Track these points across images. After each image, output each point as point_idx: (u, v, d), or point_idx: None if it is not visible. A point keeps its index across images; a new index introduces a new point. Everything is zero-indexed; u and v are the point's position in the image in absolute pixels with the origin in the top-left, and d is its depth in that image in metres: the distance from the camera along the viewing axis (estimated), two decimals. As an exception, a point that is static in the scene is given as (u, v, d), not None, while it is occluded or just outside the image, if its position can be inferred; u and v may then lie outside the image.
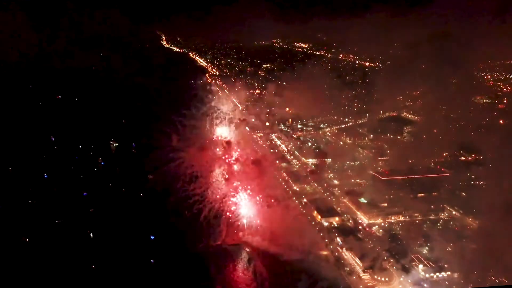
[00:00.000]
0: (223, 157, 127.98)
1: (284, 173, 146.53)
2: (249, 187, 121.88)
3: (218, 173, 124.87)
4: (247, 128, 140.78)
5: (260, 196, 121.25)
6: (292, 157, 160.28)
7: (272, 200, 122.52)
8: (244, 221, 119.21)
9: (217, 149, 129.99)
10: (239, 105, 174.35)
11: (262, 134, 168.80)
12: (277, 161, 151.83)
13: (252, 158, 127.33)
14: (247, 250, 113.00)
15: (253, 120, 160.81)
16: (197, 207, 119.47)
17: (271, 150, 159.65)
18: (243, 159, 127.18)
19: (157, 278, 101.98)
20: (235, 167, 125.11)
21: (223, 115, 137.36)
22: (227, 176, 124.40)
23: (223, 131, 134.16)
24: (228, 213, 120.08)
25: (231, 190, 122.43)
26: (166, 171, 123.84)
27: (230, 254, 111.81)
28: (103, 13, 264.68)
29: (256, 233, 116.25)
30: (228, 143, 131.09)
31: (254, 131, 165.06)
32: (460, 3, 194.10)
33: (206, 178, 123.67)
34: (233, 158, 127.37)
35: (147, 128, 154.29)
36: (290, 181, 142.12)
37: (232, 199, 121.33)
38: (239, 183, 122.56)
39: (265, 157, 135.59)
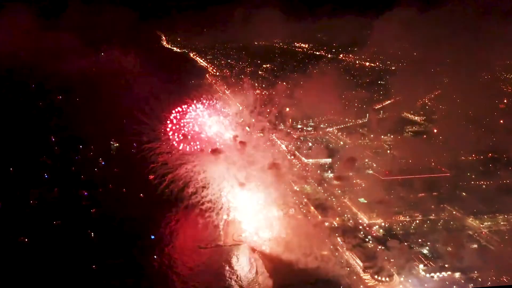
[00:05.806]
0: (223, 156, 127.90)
1: (284, 173, 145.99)
2: (248, 186, 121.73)
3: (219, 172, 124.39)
4: (247, 128, 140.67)
5: (259, 195, 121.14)
6: (292, 157, 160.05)
7: (272, 200, 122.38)
8: (243, 218, 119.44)
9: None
10: (239, 105, 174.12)
11: (262, 134, 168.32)
12: (277, 161, 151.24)
13: (251, 158, 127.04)
14: (248, 249, 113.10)
15: (252, 120, 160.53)
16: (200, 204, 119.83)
17: (271, 150, 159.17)
18: (242, 158, 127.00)
19: (157, 278, 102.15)
20: (232, 166, 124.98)
21: (223, 115, 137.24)
22: (227, 175, 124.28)
23: (222, 131, 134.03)
24: (227, 210, 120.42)
25: (230, 189, 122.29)
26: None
27: (231, 254, 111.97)
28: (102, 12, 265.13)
29: (255, 231, 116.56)
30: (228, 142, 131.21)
31: (254, 131, 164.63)
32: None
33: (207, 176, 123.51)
34: (231, 158, 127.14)
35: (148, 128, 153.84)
36: (290, 181, 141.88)
37: (230, 197, 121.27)
38: (238, 182, 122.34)
39: (265, 157, 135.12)
